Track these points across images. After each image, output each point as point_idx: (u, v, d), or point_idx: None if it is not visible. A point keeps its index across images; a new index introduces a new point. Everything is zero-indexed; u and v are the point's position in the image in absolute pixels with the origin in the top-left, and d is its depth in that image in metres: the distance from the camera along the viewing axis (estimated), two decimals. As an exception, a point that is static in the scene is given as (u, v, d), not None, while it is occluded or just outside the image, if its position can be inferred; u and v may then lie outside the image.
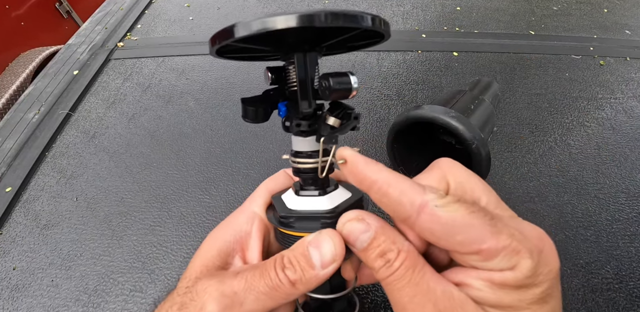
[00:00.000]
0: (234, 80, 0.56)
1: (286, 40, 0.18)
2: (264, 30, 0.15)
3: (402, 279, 0.16)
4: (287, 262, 0.18)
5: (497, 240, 0.15)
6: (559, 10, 0.73)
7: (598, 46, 0.63)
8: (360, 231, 0.18)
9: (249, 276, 0.18)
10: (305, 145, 0.20)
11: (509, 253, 0.15)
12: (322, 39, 0.19)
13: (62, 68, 0.60)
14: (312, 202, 0.20)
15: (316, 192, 0.20)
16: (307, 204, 0.20)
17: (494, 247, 0.15)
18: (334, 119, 0.19)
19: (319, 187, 0.20)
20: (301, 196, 0.20)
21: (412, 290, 0.16)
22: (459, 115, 0.32)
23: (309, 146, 0.20)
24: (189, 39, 0.65)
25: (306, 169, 0.20)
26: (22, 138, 0.48)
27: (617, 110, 0.51)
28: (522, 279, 0.15)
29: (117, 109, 0.52)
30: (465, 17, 0.70)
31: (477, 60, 0.59)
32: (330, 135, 0.19)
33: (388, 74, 0.56)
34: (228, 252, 0.21)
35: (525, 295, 0.15)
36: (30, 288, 0.34)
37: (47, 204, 0.41)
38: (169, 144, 0.47)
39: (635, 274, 0.34)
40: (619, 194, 0.40)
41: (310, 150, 0.20)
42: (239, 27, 0.15)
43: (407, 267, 0.17)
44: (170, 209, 0.40)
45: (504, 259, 0.15)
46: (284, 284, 0.18)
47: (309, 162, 0.20)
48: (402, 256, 0.17)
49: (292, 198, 0.21)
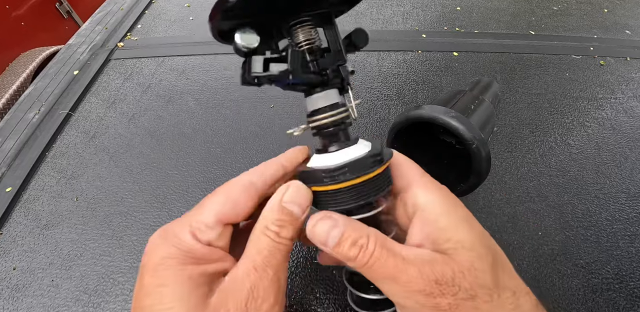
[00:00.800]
0: (234, 80, 0.56)
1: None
2: None
3: (381, 256, 0.18)
4: (277, 227, 0.19)
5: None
6: (559, 10, 0.73)
7: (598, 46, 0.63)
8: (330, 227, 0.19)
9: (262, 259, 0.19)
10: (335, 97, 0.22)
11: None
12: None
13: (62, 68, 0.60)
14: (352, 151, 0.21)
15: (350, 142, 0.21)
16: (348, 155, 0.20)
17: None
18: (350, 66, 0.22)
19: (346, 138, 0.22)
20: (336, 151, 0.21)
21: (394, 261, 0.18)
22: (459, 115, 0.32)
23: (335, 97, 0.22)
24: (189, 39, 0.65)
25: (336, 120, 0.21)
26: (22, 138, 0.48)
27: (617, 110, 0.51)
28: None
29: (117, 109, 0.52)
30: (465, 17, 0.69)
31: (477, 60, 0.59)
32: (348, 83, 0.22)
33: (388, 74, 0.56)
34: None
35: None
36: (30, 288, 0.34)
37: (47, 204, 0.41)
38: (169, 144, 0.47)
39: (635, 274, 0.34)
40: (619, 194, 0.40)
41: (333, 103, 0.22)
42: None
43: (381, 246, 0.19)
44: (170, 209, 0.40)
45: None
46: (287, 245, 0.20)
47: (336, 113, 0.21)
48: (372, 238, 0.19)
49: (326, 158, 0.21)
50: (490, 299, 0.18)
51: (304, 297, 0.32)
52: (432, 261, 0.18)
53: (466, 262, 0.18)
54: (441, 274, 0.18)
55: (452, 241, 0.19)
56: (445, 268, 0.18)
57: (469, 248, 0.19)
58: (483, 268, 0.18)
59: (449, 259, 0.19)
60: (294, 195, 0.20)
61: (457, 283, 0.18)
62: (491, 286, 0.18)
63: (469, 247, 0.19)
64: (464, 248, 0.19)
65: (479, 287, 0.18)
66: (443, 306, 0.17)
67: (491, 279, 0.18)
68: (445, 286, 0.18)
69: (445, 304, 0.17)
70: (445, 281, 0.18)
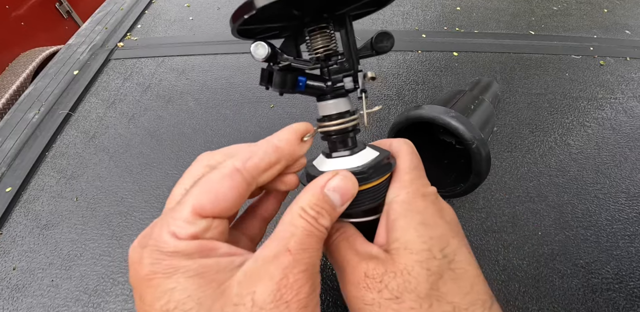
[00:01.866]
0: (234, 81, 0.56)
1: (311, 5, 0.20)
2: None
3: (339, 245, 0.21)
4: (315, 213, 0.18)
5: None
6: (559, 10, 0.73)
7: (598, 46, 0.63)
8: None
9: (298, 242, 0.17)
10: (346, 105, 0.22)
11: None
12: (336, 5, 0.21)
13: (62, 68, 0.60)
14: (344, 162, 0.21)
15: (347, 152, 0.21)
16: (339, 164, 0.21)
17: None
18: (371, 72, 0.22)
19: (353, 144, 0.22)
20: (334, 157, 0.21)
21: (345, 252, 0.20)
22: (459, 115, 0.32)
23: (345, 105, 0.22)
24: (189, 39, 0.65)
25: (344, 128, 0.21)
26: (22, 138, 0.48)
27: (617, 110, 0.51)
28: None
29: (117, 109, 0.52)
30: (465, 17, 0.70)
31: (477, 60, 0.59)
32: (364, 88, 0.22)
33: (388, 74, 0.56)
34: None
35: None
36: (30, 288, 0.34)
37: (47, 204, 0.41)
38: (169, 144, 0.47)
39: (635, 274, 0.34)
40: (619, 194, 0.40)
41: (343, 110, 0.22)
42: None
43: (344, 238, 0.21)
44: (170, 209, 0.40)
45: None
46: (323, 233, 0.18)
47: (344, 122, 0.21)
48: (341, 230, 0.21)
49: (325, 161, 0.22)
50: (419, 307, 0.17)
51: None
52: (373, 257, 0.19)
53: (402, 264, 0.18)
54: (373, 269, 0.18)
55: (398, 242, 0.19)
56: (379, 265, 0.18)
57: (411, 252, 0.18)
58: (418, 274, 0.18)
59: (389, 258, 0.19)
60: (341, 184, 0.19)
61: (385, 282, 0.18)
62: (423, 294, 0.17)
63: (411, 251, 0.18)
64: (406, 250, 0.18)
65: (407, 292, 0.17)
66: (367, 300, 0.18)
67: (425, 287, 0.17)
68: (372, 281, 0.18)
69: (369, 299, 0.18)
70: (373, 276, 0.18)
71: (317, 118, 0.22)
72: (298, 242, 0.16)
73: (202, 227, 0.16)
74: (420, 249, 0.18)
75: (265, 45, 0.20)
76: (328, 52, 0.22)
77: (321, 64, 0.22)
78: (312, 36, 0.22)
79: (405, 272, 0.18)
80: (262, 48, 0.20)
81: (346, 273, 0.19)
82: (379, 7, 0.23)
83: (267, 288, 0.15)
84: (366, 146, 0.22)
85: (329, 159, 0.22)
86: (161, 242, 0.16)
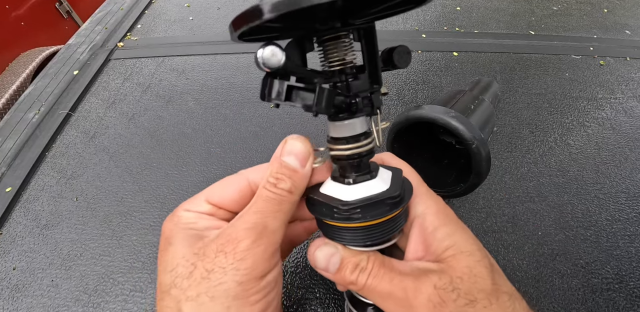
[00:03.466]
0: (234, 81, 0.56)
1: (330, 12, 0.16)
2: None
3: (378, 274, 0.19)
4: (275, 179, 0.20)
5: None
6: (559, 10, 0.73)
7: (598, 46, 0.63)
8: (330, 254, 0.20)
9: (255, 207, 0.20)
10: (361, 127, 0.19)
11: None
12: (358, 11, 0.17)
13: (62, 68, 0.60)
14: (369, 187, 0.19)
15: (368, 176, 0.19)
16: (364, 191, 0.18)
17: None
18: (383, 87, 0.20)
19: (366, 170, 0.20)
20: (356, 183, 0.19)
21: (390, 276, 0.19)
22: (459, 115, 0.32)
23: (361, 128, 0.19)
24: (189, 39, 0.65)
25: (360, 152, 0.19)
26: (22, 138, 0.48)
27: (617, 110, 0.51)
28: None
29: (117, 109, 0.52)
30: (465, 17, 0.70)
31: (477, 60, 0.59)
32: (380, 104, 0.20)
33: (388, 74, 0.56)
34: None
35: None
36: (30, 288, 0.34)
37: (47, 204, 0.41)
38: (169, 144, 0.47)
39: (635, 274, 0.34)
40: (619, 194, 0.40)
41: (358, 134, 0.19)
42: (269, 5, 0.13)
43: (380, 265, 0.19)
44: (171, 209, 0.39)
45: None
46: (285, 196, 0.20)
47: (359, 146, 0.19)
48: (371, 258, 0.19)
49: (345, 188, 0.19)
50: (490, 303, 0.18)
51: (304, 297, 0.32)
52: (428, 271, 0.19)
53: (465, 268, 0.19)
54: (439, 280, 0.18)
55: (451, 249, 0.19)
56: (442, 275, 0.18)
57: (469, 254, 0.19)
58: (481, 273, 0.19)
59: (447, 266, 0.19)
60: (290, 148, 0.21)
61: (456, 289, 0.18)
62: (489, 290, 0.18)
63: (468, 253, 0.19)
64: (463, 253, 0.19)
65: (478, 292, 0.18)
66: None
67: (489, 283, 0.18)
68: (444, 292, 0.18)
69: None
70: (443, 287, 0.18)
71: (328, 139, 0.20)
72: (253, 207, 0.20)
73: (208, 209, 0.22)
74: (474, 250, 0.20)
75: (279, 51, 0.15)
76: (344, 67, 0.19)
77: (336, 78, 0.19)
78: (327, 46, 0.18)
79: (471, 274, 0.18)
80: (278, 54, 0.15)
81: (408, 298, 0.18)
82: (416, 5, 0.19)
83: (216, 244, 0.19)
84: (378, 172, 0.20)
85: (350, 185, 0.19)
86: (179, 215, 0.22)
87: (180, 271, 0.19)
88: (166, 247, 0.21)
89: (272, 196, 0.20)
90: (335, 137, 0.19)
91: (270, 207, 0.20)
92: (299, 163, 0.20)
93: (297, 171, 0.20)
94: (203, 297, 0.18)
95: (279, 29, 0.17)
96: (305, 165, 0.21)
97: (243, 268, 0.18)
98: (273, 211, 0.20)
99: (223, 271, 0.18)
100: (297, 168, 0.20)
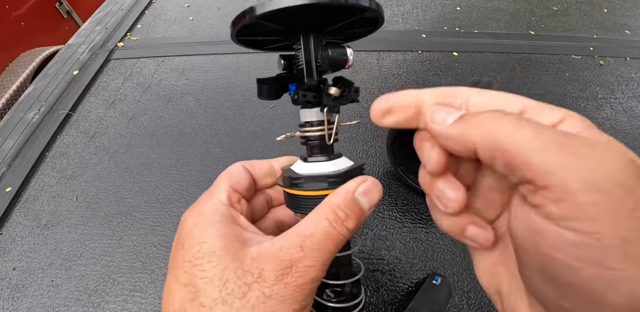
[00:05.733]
0: (234, 81, 0.56)
1: (296, 21, 0.20)
2: (280, 8, 0.17)
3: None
4: (344, 214, 0.19)
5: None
6: (559, 10, 0.73)
7: (598, 46, 0.63)
8: (446, 111, 0.16)
9: (317, 243, 0.19)
10: (312, 116, 0.23)
11: None
12: (327, 23, 0.21)
13: (62, 68, 0.60)
14: (320, 167, 0.22)
15: (323, 158, 0.23)
16: (315, 169, 0.22)
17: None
18: (334, 89, 0.21)
19: (325, 154, 0.23)
20: (309, 162, 0.22)
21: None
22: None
23: (315, 116, 0.23)
24: (189, 39, 0.65)
25: (313, 136, 0.23)
26: (22, 138, 0.48)
27: (617, 110, 0.51)
28: None
29: (117, 109, 0.52)
30: (465, 17, 0.70)
31: (477, 60, 0.59)
32: (332, 105, 0.22)
33: (388, 74, 0.56)
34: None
35: None
36: (30, 288, 0.34)
37: (47, 204, 0.41)
38: (169, 144, 0.47)
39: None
40: (619, 194, 0.40)
41: (316, 120, 0.23)
42: (259, 7, 0.18)
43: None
44: (170, 209, 0.40)
45: None
46: (346, 236, 0.19)
47: (315, 131, 0.22)
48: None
49: (301, 165, 0.23)
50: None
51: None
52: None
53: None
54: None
55: None
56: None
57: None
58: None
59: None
60: (369, 189, 0.20)
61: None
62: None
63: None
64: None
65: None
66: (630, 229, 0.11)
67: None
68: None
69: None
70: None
71: (299, 124, 0.23)
72: (314, 242, 0.18)
73: (236, 198, 0.22)
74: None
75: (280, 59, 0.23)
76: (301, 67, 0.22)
77: (299, 75, 0.23)
78: (295, 50, 0.23)
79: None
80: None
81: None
82: (370, 31, 0.24)
83: (274, 269, 0.18)
84: (342, 156, 0.23)
85: (305, 163, 0.23)
86: (205, 205, 0.21)
87: (232, 288, 0.18)
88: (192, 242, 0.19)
89: (334, 233, 0.19)
90: (303, 121, 0.23)
91: (330, 246, 0.19)
92: (369, 207, 0.20)
93: (365, 214, 0.20)
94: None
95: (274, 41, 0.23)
96: (370, 210, 0.20)
97: (301, 300, 0.18)
98: (331, 251, 0.19)
99: (281, 300, 0.18)
100: (365, 210, 0.20)
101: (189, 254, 0.19)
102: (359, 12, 0.20)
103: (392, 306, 0.33)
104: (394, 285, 0.34)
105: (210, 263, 0.18)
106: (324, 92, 0.22)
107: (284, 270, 0.18)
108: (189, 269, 0.18)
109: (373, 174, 0.42)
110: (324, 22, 0.21)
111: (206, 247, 0.19)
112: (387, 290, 0.34)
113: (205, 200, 0.22)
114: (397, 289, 0.34)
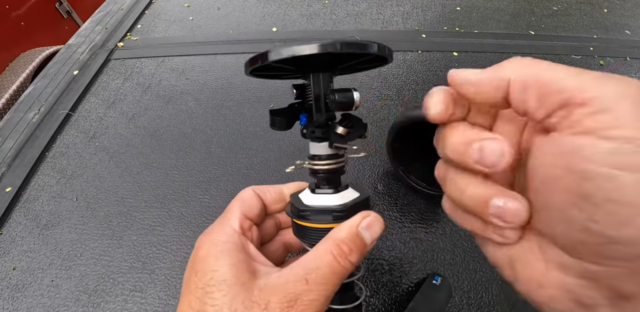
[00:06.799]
0: (234, 81, 0.56)
1: (308, 63, 0.22)
2: (292, 56, 0.18)
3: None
4: (348, 248, 0.20)
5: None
6: (559, 10, 0.73)
7: (598, 46, 0.63)
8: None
9: (322, 276, 0.19)
10: (320, 150, 0.23)
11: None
12: (337, 62, 0.22)
13: (62, 68, 0.60)
14: (327, 199, 0.22)
15: (330, 190, 0.23)
16: (322, 201, 0.22)
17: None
18: (342, 128, 0.22)
19: (332, 186, 0.23)
20: (317, 193, 0.23)
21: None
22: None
23: (323, 151, 0.23)
24: (189, 39, 0.65)
25: (322, 170, 0.23)
26: (22, 138, 0.48)
27: (617, 110, 0.51)
28: None
29: (117, 109, 0.52)
30: (465, 17, 0.70)
31: (477, 60, 0.59)
32: (339, 142, 0.22)
33: (388, 74, 0.56)
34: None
35: None
36: (30, 288, 0.34)
37: (47, 204, 0.41)
38: (169, 144, 0.47)
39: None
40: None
41: (325, 154, 0.23)
42: (272, 53, 0.19)
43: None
44: (170, 209, 0.40)
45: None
46: (348, 270, 0.20)
47: (323, 164, 0.23)
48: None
49: (309, 196, 0.23)
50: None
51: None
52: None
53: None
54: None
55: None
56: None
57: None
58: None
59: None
60: (372, 224, 0.21)
61: None
62: None
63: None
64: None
65: None
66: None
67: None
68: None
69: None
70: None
71: (308, 155, 0.24)
72: (319, 275, 0.19)
73: (247, 225, 0.23)
74: None
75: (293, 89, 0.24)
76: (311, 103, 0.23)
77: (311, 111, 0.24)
78: (305, 86, 0.24)
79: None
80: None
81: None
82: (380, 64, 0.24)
83: (279, 301, 0.19)
84: (349, 187, 0.24)
85: (313, 194, 0.23)
86: (218, 234, 0.22)
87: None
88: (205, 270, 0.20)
89: (338, 267, 0.20)
90: (312, 154, 0.24)
91: (334, 280, 0.20)
92: (371, 241, 0.21)
93: (367, 247, 0.21)
94: None
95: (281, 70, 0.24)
96: (372, 244, 0.21)
97: None
98: (334, 284, 0.20)
99: None
100: (367, 244, 0.21)
101: (202, 281, 0.20)
102: (368, 55, 0.21)
103: (392, 306, 0.33)
104: (394, 285, 0.34)
105: (220, 292, 0.19)
106: (332, 129, 0.22)
107: (289, 302, 0.19)
108: (202, 296, 0.19)
109: (373, 174, 0.42)
110: (334, 62, 0.22)
111: (218, 275, 0.20)
112: (387, 290, 0.34)
113: (219, 228, 0.23)
114: (397, 289, 0.34)
